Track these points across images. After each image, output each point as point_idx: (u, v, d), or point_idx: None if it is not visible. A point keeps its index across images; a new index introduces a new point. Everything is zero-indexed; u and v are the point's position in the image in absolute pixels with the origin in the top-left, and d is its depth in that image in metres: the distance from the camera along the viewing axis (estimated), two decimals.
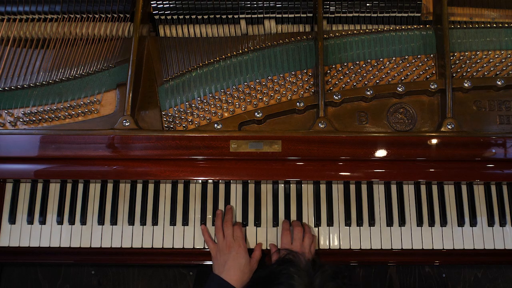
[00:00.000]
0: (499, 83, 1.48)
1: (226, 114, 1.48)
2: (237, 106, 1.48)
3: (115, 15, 1.57)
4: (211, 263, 1.42)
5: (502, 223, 1.47)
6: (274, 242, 1.45)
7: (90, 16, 1.57)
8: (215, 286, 1.32)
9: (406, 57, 1.53)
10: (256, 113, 1.45)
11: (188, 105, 1.48)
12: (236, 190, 1.49)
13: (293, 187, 1.49)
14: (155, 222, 1.46)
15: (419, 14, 1.57)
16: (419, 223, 1.46)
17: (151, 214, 1.47)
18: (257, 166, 1.43)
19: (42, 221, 1.46)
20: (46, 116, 1.47)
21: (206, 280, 1.36)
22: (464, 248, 1.45)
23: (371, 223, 1.46)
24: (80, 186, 1.49)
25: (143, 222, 1.46)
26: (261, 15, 1.57)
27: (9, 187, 1.49)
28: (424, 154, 1.41)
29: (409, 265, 1.58)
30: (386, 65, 1.52)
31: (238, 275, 1.32)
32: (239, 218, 1.47)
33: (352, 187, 1.49)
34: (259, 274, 1.03)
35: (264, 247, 1.44)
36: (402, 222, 1.46)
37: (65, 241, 1.45)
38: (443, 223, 1.46)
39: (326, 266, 0.97)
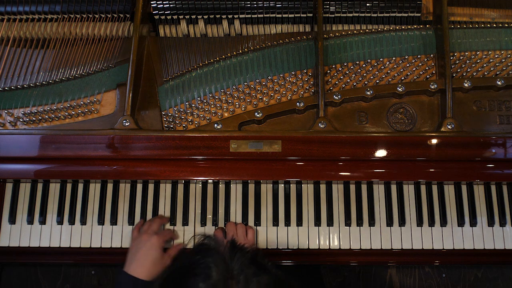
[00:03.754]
0: (499, 83, 1.48)
1: (226, 114, 1.48)
2: (237, 106, 1.48)
3: (115, 15, 1.57)
4: None
5: (502, 223, 1.47)
6: (274, 242, 1.45)
7: (90, 16, 1.57)
8: (121, 283, 1.27)
9: (406, 57, 1.53)
10: (256, 113, 1.45)
11: (188, 105, 1.48)
12: (236, 190, 1.49)
13: (293, 187, 1.49)
14: None
15: (419, 14, 1.57)
16: (419, 223, 1.46)
17: (151, 214, 1.47)
18: (257, 166, 1.42)
19: (42, 221, 1.46)
20: (46, 116, 1.47)
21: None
22: (464, 248, 1.45)
23: (371, 223, 1.46)
24: (80, 186, 1.49)
25: None
26: (261, 15, 1.57)
27: (9, 187, 1.49)
28: (424, 154, 1.41)
29: (409, 265, 1.58)
30: (386, 65, 1.52)
31: (147, 267, 1.27)
32: (239, 218, 1.47)
33: (352, 187, 1.49)
34: (173, 265, 0.96)
35: (264, 246, 1.44)
36: (402, 222, 1.46)
37: (65, 241, 1.45)
38: (443, 223, 1.46)
39: (245, 250, 0.92)
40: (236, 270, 0.86)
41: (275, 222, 1.46)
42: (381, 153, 1.41)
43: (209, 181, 1.49)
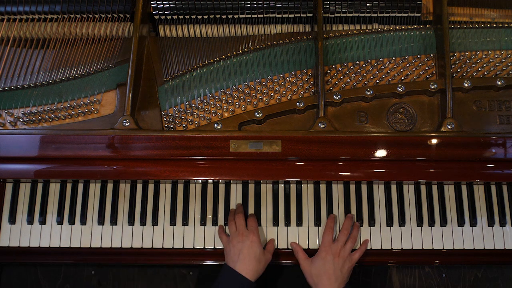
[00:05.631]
0: (499, 83, 1.48)
1: (226, 114, 1.48)
2: (237, 106, 1.48)
3: (115, 15, 1.57)
4: (212, 263, 1.42)
5: (502, 223, 1.47)
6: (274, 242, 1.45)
7: (90, 16, 1.57)
8: (228, 279, 1.29)
9: (406, 57, 1.53)
10: (256, 113, 1.45)
11: (188, 105, 1.48)
12: (236, 190, 1.49)
13: (293, 187, 1.49)
14: (155, 222, 1.46)
15: (419, 14, 1.57)
16: (419, 223, 1.46)
17: (151, 214, 1.47)
18: (257, 166, 1.42)
19: (42, 221, 1.46)
20: (46, 116, 1.47)
21: (219, 273, 1.31)
22: (464, 248, 1.45)
23: (371, 223, 1.46)
24: (80, 186, 1.49)
25: (143, 222, 1.46)
26: (261, 15, 1.57)
27: (9, 187, 1.49)
28: (424, 154, 1.41)
29: (409, 265, 1.58)
30: (386, 65, 1.52)
31: (253, 265, 1.30)
32: None
33: (352, 187, 1.49)
34: None
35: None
36: (402, 222, 1.46)
37: (65, 241, 1.45)
38: (443, 223, 1.46)
39: None
40: None
41: (275, 222, 1.46)
42: (381, 153, 1.41)
43: (209, 181, 1.49)
